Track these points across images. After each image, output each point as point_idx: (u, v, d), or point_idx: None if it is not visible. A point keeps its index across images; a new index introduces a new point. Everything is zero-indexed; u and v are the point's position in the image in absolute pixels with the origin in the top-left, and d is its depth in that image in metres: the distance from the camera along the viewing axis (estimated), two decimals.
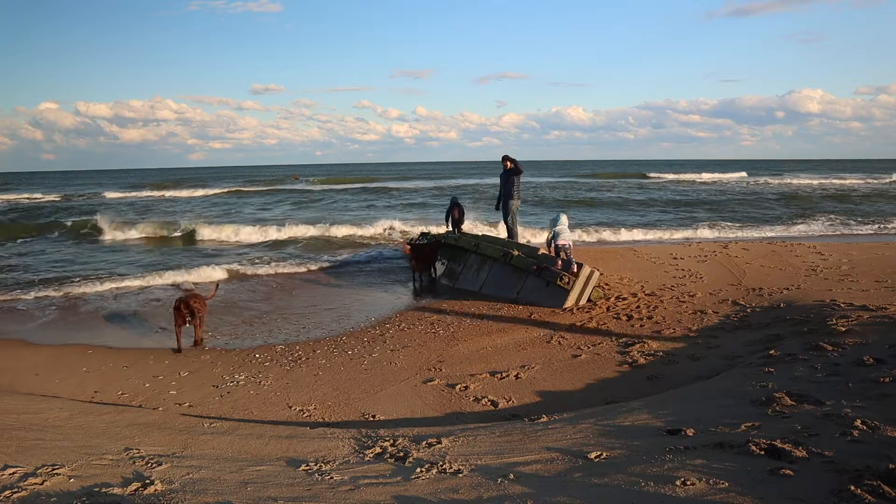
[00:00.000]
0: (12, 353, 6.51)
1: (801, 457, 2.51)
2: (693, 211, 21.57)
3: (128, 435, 3.66)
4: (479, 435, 3.52)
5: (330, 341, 6.66)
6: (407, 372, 5.56)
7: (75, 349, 6.58)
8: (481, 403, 4.69)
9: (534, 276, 7.94)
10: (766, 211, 21.10)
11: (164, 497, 2.53)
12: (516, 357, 5.82)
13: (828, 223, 17.00)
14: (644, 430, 3.26)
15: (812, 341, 4.81)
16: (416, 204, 26.40)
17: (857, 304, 6.05)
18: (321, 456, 3.23)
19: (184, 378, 5.61)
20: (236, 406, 4.86)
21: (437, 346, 6.35)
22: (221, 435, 3.73)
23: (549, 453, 3.01)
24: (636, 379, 4.99)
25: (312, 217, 20.09)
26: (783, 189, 31.30)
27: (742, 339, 5.59)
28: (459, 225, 10.47)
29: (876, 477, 2.18)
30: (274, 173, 72.68)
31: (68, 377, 5.65)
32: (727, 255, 10.05)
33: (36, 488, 2.59)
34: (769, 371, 4.19)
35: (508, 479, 2.62)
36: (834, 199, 24.55)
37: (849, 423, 2.85)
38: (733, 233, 15.66)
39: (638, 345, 5.82)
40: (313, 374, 5.59)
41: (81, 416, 4.09)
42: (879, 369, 3.76)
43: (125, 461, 3.05)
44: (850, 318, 5.34)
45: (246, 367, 5.88)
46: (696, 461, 2.60)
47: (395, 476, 2.81)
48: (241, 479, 2.81)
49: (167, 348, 6.55)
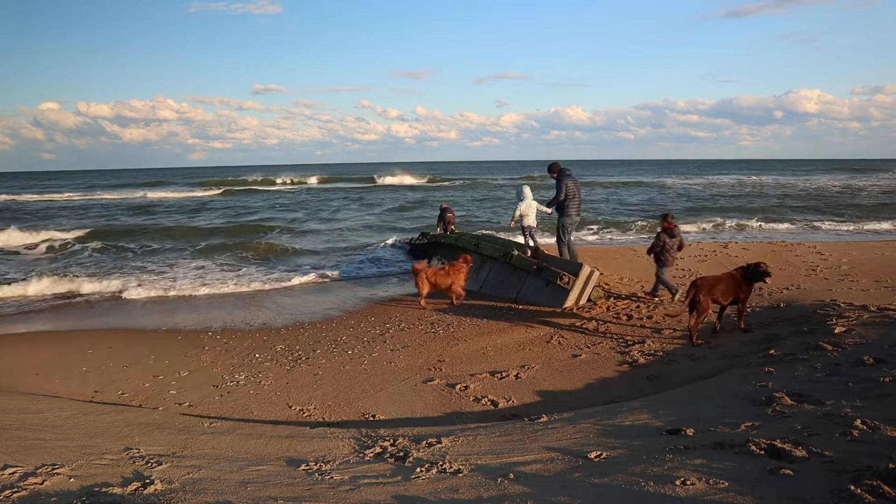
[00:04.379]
0: (12, 352, 6.52)
1: (801, 457, 2.51)
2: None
3: (128, 435, 3.66)
4: (479, 435, 3.52)
5: (330, 341, 6.66)
6: (407, 372, 5.56)
7: (75, 349, 6.58)
8: (481, 403, 4.69)
9: (534, 275, 7.94)
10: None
11: (164, 497, 2.53)
12: (516, 357, 5.82)
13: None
14: (644, 430, 3.26)
15: (812, 341, 4.81)
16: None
17: (857, 304, 6.04)
18: (321, 456, 3.23)
19: (184, 378, 5.61)
20: (236, 406, 4.86)
21: (437, 346, 6.35)
22: (221, 435, 3.73)
23: (549, 453, 3.01)
24: (636, 379, 4.99)
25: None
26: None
27: (742, 339, 5.59)
28: (450, 226, 10.98)
29: (876, 477, 2.18)
30: (239, 173, 68.99)
31: (68, 377, 5.65)
32: (727, 255, 10.05)
33: (36, 488, 2.58)
34: (769, 371, 4.19)
35: (508, 479, 2.62)
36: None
37: (849, 423, 2.85)
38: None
39: (638, 345, 5.82)
40: (313, 374, 5.59)
41: (81, 416, 4.09)
42: (879, 369, 3.76)
43: (125, 461, 3.05)
44: (850, 318, 5.34)
45: (246, 367, 5.88)
46: (696, 461, 2.60)
47: (395, 476, 2.81)
48: (241, 479, 2.81)
49: (166, 347, 6.54)
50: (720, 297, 5.67)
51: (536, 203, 8.57)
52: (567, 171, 8.37)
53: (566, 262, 7.78)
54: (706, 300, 5.57)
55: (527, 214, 8.56)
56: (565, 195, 8.16)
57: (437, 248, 11.22)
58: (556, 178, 8.35)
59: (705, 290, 5.59)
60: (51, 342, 6.94)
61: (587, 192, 29.18)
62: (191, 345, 6.69)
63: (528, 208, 8.53)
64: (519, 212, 8.58)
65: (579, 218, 8.45)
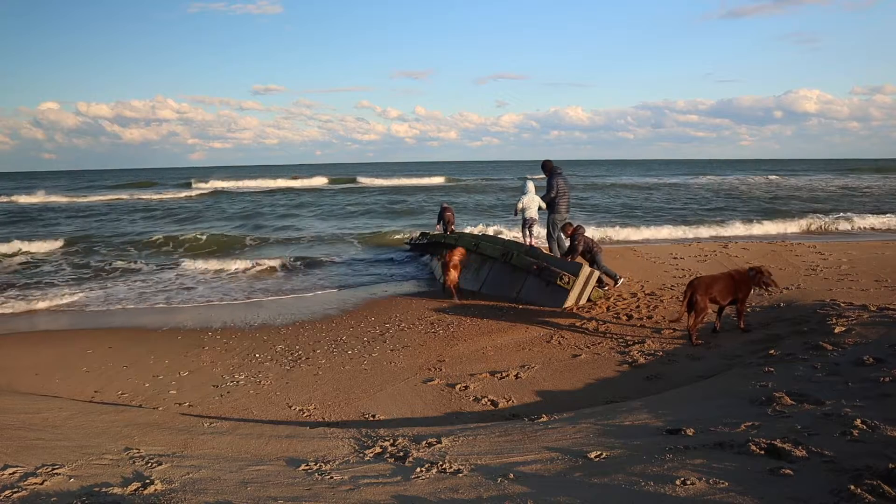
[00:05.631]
0: (12, 352, 6.51)
1: (801, 456, 2.51)
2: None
3: (128, 435, 3.66)
4: (478, 435, 3.52)
5: (330, 341, 6.66)
6: (407, 372, 5.56)
7: (75, 349, 6.58)
8: (481, 403, 4.69)
9: (534, 275, 7.94)
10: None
11: (164, 497, 2.53)
12: (516, 357, 5.82)
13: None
14: (644, 430, 3.26)
15: (812, 341, 4.81)
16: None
17: (857, 304, 6.04)
18: (321, 456, 3.23)
19: (184, 378, 5.61)
20: (236, 406, 4.86)
21: (437, 345, 6.35)
22: (221, 435, 3.73)
23: (549, 453, 3.01)
24: (636, 379, 4.99)
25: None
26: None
27: (742, 338, 5.59)
28: (450, 225, 10.95)
29: (876, 477, 2.18)
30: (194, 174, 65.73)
31: (68, 377, 5.65)
32: (727, 255, 10.05)
33: (36, 488, 2.58)
34: (769, 371, 4.19)
35: (508, 479, 2.62)
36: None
37: (849, 422, 2.85)
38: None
39: (638, 345, 5.82)
40: (313, 374, 5.59)
41: (81, 416, 4.09)
42: (879, 369, 3.76)
43: (125, 461, 3.05)
44: (850, 318, 5.34)
45: (246, 366, 5.88)
46: (696, 461, 2.60)
47: (395, 476, 2.81)
48: (241, 479, 2.81)
49: (167, 348, 6.54)
50: (718, 297, 5.67)
51: (539, 198, 8.71)
52: (558, 169, 8.65)
53: (566, 262, 7.79)
54: (703, 300, 5.57)
55: (528, 208, 8.74)
56: (556, 192, 8.48)
57: (437, 247, 11.23)
58: (548, 177, 8.65)
59: (702, 289, 5.59)
60: (51, 342, 6.94)
61: (640, 196, 28.40)
62: (191, 345, 6.69)
63: (531, 202, 8.73)
64: (521, 205, 8.75)
65: (569, 215, 8.76)
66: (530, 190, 8.76)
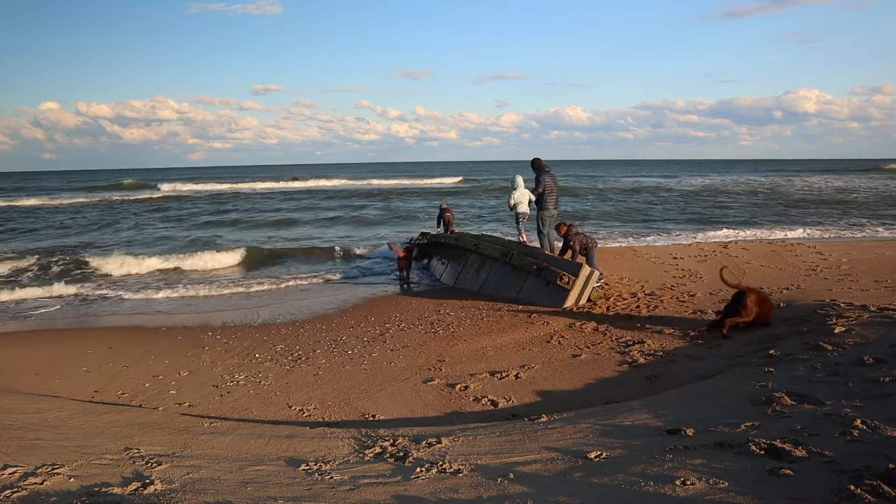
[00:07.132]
0: (12, 352, 6.52)
1: (801, 457, 2.51)
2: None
3: (128, 435, 3.66)
4: (478, 435, 3.52)
5: (330, 341, 6.66)
6: (407, 372, 5.56)
7: (76, 349, 6.58)
8: (481, 403, 4.69)
9: (534, 275, 7.94)
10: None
11: (163, 497, 2.53)
12: (516, 357, 5.81)
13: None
14: (644, 430, 3.26)
15: (812, 341, 4.81)
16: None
17: (857, 304, 6.04)
18: (321, 456, 3.23)
19: (184, 378, 5.61)
20: (236, 406, 4.86)
21: (437, 346, 6.35)
22: (221, 435, 3.73)
23: (549, 453, 3.01)
24: (636, 379, 4.98)
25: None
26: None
27: (742, 339, 5.59)
28: (450, 226, 10.99)
29: (876, 477, 2.18)
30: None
31: (68, 377, 5.66)
32: (727, 255, 10.05)
33: (36, 488, 2.58)
34: (769, 371, 4.19)
35: (508, 479, 2.62)
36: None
37: (849, 422, 2.85)
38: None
39: (638, 345, 5.82)
40: (313, 374, 5.59)
41: (81, 416, 4.09)
42: (879, 369, 3.76)
43: (125, 461, 3.05)
44: (850, 318, 5.34)
45: (246, 366, 5.88)
46: (696, 461, 2.60)
47: (395, 476, 2.81)
48: (241, 479, 2.81)
49: (167, 347, 6.55)
50: (758, 312, 5.78)
51: (528, 191, 8.78)
52: (547, 167, 8.82)
53: (566, 262, 7.80)
54: (752, 307, 5.73)
55: (520, 202, 8.83)
56: (543, 189, 8.66)
57: (437, 247, 11.23)
58: (537, 174, 8.82)
59: (755, 298, 5.77)
60: (51, 342, 6.94)
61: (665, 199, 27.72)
62: (191, 345, 6.69)
63: (522, 196, 8.80)
64: (513, 200, 8.81)
65: (556, 212, 8.91)
66: (520, 184, 8.86)
